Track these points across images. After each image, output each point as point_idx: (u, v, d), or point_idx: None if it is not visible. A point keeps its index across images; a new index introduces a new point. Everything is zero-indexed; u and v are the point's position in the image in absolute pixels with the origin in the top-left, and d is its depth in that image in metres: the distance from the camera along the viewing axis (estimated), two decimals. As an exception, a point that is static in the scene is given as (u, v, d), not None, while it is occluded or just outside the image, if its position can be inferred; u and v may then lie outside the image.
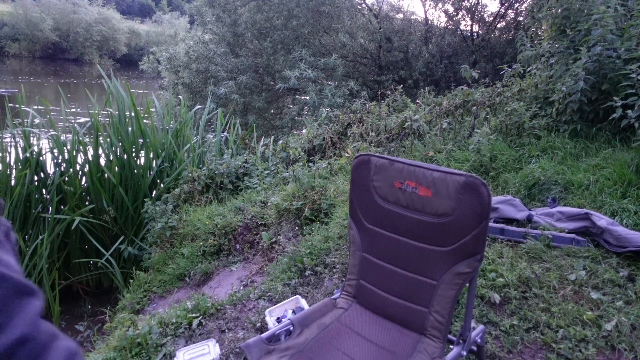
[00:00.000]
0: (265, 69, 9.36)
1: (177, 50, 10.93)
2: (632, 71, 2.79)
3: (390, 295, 1.62)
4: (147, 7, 58.63)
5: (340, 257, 2.64)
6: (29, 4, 30.12)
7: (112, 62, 33.28)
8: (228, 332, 2.24)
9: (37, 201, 4.38)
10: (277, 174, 4.07)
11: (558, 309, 1.94)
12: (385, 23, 10.23)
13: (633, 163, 2.70)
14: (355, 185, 1.69)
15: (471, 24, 10.10)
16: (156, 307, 3.07)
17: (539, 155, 3.16)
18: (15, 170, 4.36)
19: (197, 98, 9.39)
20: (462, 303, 2.07)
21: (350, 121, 4.71)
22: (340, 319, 1.64)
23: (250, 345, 1.43)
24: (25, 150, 4.37)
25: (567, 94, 3.22)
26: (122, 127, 4.65)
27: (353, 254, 1.74)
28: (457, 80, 8.08)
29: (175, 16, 40.24)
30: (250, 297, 2.49)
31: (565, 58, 3.49)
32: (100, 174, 4.53)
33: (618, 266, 2.15)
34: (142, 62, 13.43)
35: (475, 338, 1.57)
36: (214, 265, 3.24)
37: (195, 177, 4.15)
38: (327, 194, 3.22)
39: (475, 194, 1.39)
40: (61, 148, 4.53)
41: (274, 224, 3.30)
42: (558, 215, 2.51)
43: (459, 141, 3.62)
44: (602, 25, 3.13)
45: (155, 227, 3.76)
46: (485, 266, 2.24)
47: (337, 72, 8.50)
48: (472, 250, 1.42)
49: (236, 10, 9.39)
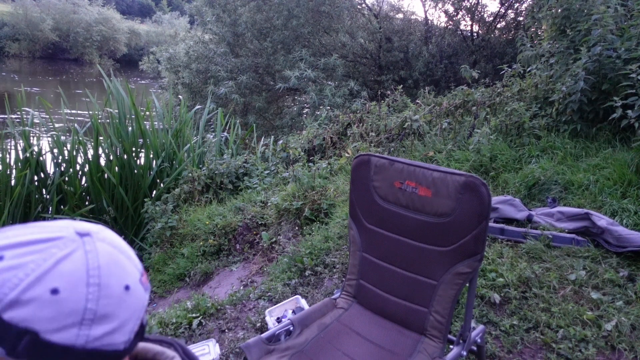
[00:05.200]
0: (265, 69, 9.36)
1: (177, 50, 10.93)
2: (632, 71, 2.79)
3: (390, 295, 1.62)
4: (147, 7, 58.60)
5: (340, 257, 2.63)
6: (29, 4, 30.07)
7: (112, 62, 33.22)
8: (228, 332, 2.24)
9: (37, 201, 4.38)
10: (277, 174, 4.07)
11: (558, 309, 1.94)
12: (385, 23, 10.23)
13: (633, 163, 2.70)
14: (355, 185, 1.69)
15: (471, 24, 10.10)
16: (156, 307, 3.07)
17: (539, 155, 3.16)
18: (15, 170, 4.36)
19: (197, 98, 9.39)
20: (462, 303, 2.07)
21: (350, 121, 4.71)
22: (340, 319, 1.64)
23: (250, 345, 1.43)
24: (25, 150, 4.37)
25: (567, 94, 3.22)
26: (122, 127, 4.64)
27: (353, 254, 1.74)
28: (457, 80, 8.07)
29: (175, 16, 40.18)
30: (250, 297, 2.49)
31: (565, 58, 3.49)
32: (100, 174, 4.53)
33: (618, 266, 2.15)
34: (142, 62, 13.45)
35: (475, 338, 1.57)
36: (214, 265, 3.24)
37: (195, 177, 4.15)
38: (327, 194, 3.22)
39: (475, 194, 1.39)
40: (61, 148, 4.53)
41: (274, 224, 3.30)
42: (558, 215, 2.51)
43: (459, 141, 3.62)
44: (602, 25, 3.13)
45: (155, 227, 3.76)
46: (485, 266, 2.24)
47: (337, 72, 8.50)
48: (472, 250, 1.42)
49: (236, 10, 9.39)
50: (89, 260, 0.45)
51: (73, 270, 0.44)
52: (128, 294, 0.47)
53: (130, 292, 0.48)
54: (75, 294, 0.43)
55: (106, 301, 0.45)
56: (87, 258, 0.45)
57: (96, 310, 0.44)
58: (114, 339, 0.46)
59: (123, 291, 0.47)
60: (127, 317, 0.48)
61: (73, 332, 0.43)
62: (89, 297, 0.44)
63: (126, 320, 0.48)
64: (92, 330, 0.44)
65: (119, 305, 0.46)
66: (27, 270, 0.42)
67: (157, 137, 4.91)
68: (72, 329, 0.43)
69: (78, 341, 0.44)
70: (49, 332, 0.42)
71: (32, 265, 0.42)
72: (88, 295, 0.44)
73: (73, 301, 0.43)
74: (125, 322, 0.47)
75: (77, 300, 0.43)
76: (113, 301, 0.46)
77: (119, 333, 0.47)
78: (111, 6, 36.94)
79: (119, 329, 0.47)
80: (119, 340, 0.47)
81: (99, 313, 0.45)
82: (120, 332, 0.47)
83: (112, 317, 0.46)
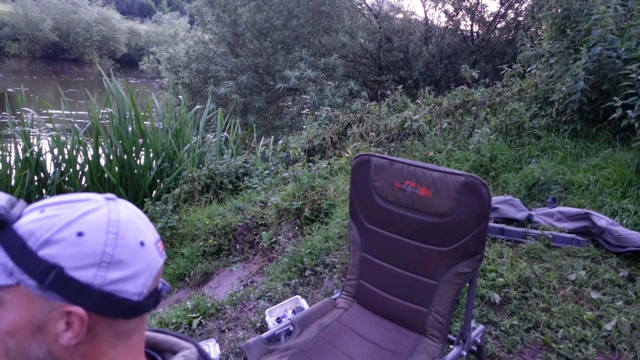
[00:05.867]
0: (265, 69, 9.36)
1: (177, 50, 10.93)
2: (632, 71, 2.79)
3: (390, 295, 1.62)
4: (147, 7, 58.59)
5: (340, 257, 2.64)
6: (29, 4, 30.07)
7: (112, 62, 33.22)
8: (228, 332, 2.24)
9: (37, 201, 4.37)
10: (277, 174, 4.07)
11: (558, 309, 1.94)
12: (385, 23, 10.23)
13: (633, 163, 2.70)
14: (355, 185, 1.69)
15: (471, 24, 10.10)
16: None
17: (539, 155, 3.16)
18: (15, 170, 4.36)
19: (197, 98, 9.39)
20: (462, 303, 2.07)
21: (350, 121, 4.71)
22: (340, 319, 1.64)
23: (250, 345, 1.43)
24: (25, 150, 4.37)
25: (567, 94, 3.22)
26: (122, 127, 4.64)
27: (353, 254, 1.74)
28: (457, 80, 8.07)
29: (175, 16, 40.19)
30: (250, 297, 2.49)
31: (565, 58, 3.49)
32: (100, 174, 4.53)
33: (618, 266, 2.15)
34: (142, 62, 13.45)
35: (475, 338, 1.57)
36: (214, 265, 3.24)
37: (195, 177, 4.15)
38: (327, 194, 3.22)
39: (475, 194, 1.39)
40: (61, 148, 4.53)
41: (274, 224, 3.30)
42: (558, 215, 2.51)
43: (459, 141, 3.62)
44: (602, 25, 3.12)
45: (155, 227, 3.76)
46: (485, 266, 2.24)
47: (337, 72, 8.50)
48: (472, 250, 1.42)
49: (236, 10, 9.39)
50: (111, 214, 0.54)
51: (97, 220, 0.53)
52: (143, 249, 0.55)
53: (145, 248, 0.55)
54: (97, 237, 0.52)
55: (122, 249, 0.53)
56: (110, 213, 0.54)
57: (113, 255, 0.52)
58: (127, 287, 0.53)
59: (138, 245, 0.55)
60: (140, 269, 0.54)
61: (92, 271, 0.51)
62: (107, 242, 0.52)
63: (139, 272, 0.54)
64: (109, 274, 0.52)
65: (133, 255, 0.54)
66: (61, 218, 0.52)
67: (157, 137, 4.91)
68: (91, 268, 0.51)
69: (96, 281, 0.51)
70: (72, 269, 0.50)
71: (65, 215, 0.52)
72: (107, 241, 0.52)
73: (94, 243, 0.51)
74: (139, 273, 0.54)
75: (98, 243, 0.51)
76: (128, 250, 0.53)
77: (132, 283, 0.54)
78: (111, 6, 36.93)
79: (132, 278, 0.53)
80: (132, 290, 0.54)
81: (115, 258, 0.52)
82: (133, 282, 0.54)
83: (127, 264, 0.53)
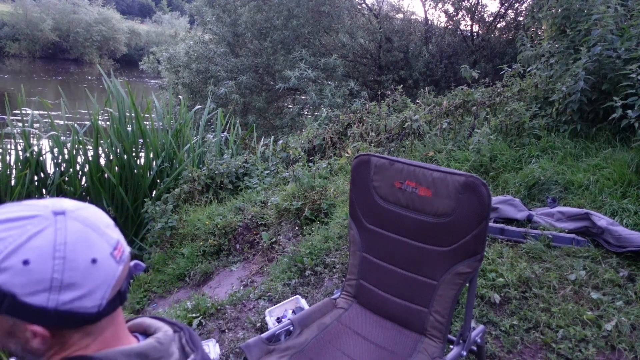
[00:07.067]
0: (265, 69, 9.36)
1: (177, 50, 10.93)
2: (632, 71, 2.79)
3: (390, 295, 1.62)
4: (147, 7, 58.58)
5: (340, 257, 2.64)
6: (29, 4, 30.05)
7: (112, 62, 33.20)
8: (228, 332, 2.24)
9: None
10: (277, 174, 4.07)
11: (558, 309, 1.94)
12: (385, 23, 10.23)
13: (633, 163, 2.70)
14: (355, 185, 1.69)
15: (471, 24, 10.10)
16: (156, 307, 3.07)
17: (539, 155, 3.16)
18: (15, 170, 4.36)
19: (197, 98, 9.39)
20: (462, 303, 2.07)
21: (350, 121, 4.71)
22: (340, 319, 1.64)
23: (250, 345, 1.43)
24: (25, 150, 4.37)
25: (567, 94, 3.22)
26: (122, 127, 4.65)
27: (353, 254, 1.74)
28: (457, 80, 8.07)
29: (175, 16, 40.20)
30: (250, 297, 2.49)
31: (565, 58, 3.49)
32: (100, 174, 4.53)
33: (618, 266, 2.15)
34: (142, 62, 13.45)
35: (475, 338, 1.57)
36: (214, 265, 3.24)
37: (195, 177, 4.15)
38: (327, 194, 3.22)
39: (475, 194, 1.39)
40: (61, 148, 4.53)
41: (274, 224, 3.30)
42: (558, 215, 2.51)
43: (459, 141, 3.62)
44: (602, 25, 3.12)
45: (155, 227, 3.76)
46: (485, 266, 2.24)
47: (337, 72, 8.49)
48: (472, 250, 1.42)
49: (236, 10, 9.39)
50: (57, 236, 0.52)
51: (42, 244, 0.51)
52: (95, 266, 0.54)
53: (97, 265, 0.55)
54: (43, 264, 0.51)
55: (71, 273, 0.52)
56: (56, 235, 0.53)
57: (62, 280, 0.52)
58: (84, 304, 0.54)
59: (89, 264, 0.54)
60: (94, 287, 0.54)
61: (44, 296, 0.51)
62: (55, 268, 0.51)
63: (94, 289, 0.54)
64: (61, 296, 0.52)
65: (84, 276, 0.53)
66: (6, 243, 0.51)
67: (157, 137, 4.91)
68: (43, 293, 0.51)
69: (49, 304, 0.52)
70: (24, 295, 0.50)
71: (10, 239, 0.51)
72: (54, 267, 0.51)
73: (41, 271, 0.51)
74: (93, 290, 0.54)
75: (44, 270, 0.51)
76: (78, 272, 0.53)
77: (87, 299, 0.54)
78: (111, 6, 36.92)
79: (87, 295, 0.54)
80: (89, 304, 0.54)
81: (65, 282, 0.52)
82: (90, 298, 0.54)
83: (79, 285, 0.53)
